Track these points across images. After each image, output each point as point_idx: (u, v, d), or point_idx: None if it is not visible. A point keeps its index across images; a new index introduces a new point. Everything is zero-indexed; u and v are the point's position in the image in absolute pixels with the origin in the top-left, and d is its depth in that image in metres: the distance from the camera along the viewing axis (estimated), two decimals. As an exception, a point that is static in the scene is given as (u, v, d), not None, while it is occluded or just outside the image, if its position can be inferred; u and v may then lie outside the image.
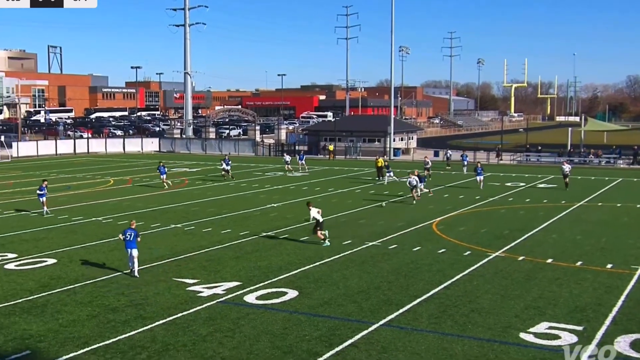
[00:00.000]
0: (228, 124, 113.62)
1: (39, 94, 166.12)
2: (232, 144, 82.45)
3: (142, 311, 17.54)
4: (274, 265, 22.66)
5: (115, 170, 58.05)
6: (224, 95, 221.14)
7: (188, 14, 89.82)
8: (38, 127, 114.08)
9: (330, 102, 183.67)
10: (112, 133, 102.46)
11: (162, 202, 37.65)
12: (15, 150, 73.83)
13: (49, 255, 24.12)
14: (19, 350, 14.77)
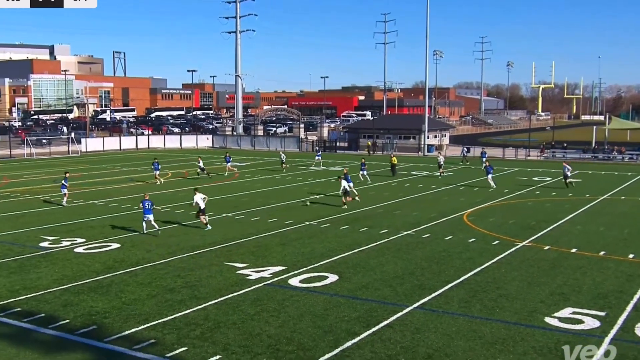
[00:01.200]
0: (275, 122, 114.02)
1: (105, 95, 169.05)
2: (279, 140, 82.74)
3: (197, 292, 17.74)
4: (316, 251, 22.69)
5: (172, 164, 58.75)
6: (271, 96, 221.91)
7: (239, 22, 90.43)
8: (104, 125, 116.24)
9: (369, 102, 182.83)
10: (170, 130, 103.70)
11: (215, 194, 37.93)
12: (83, 146, 75.34)
13: (113, 240, 24.55)
14: (86, 325, 15.07)
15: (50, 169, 53.11)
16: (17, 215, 30.43)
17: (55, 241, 24.39)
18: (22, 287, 18.15)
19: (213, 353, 13.33)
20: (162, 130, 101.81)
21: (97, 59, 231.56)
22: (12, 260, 21.42)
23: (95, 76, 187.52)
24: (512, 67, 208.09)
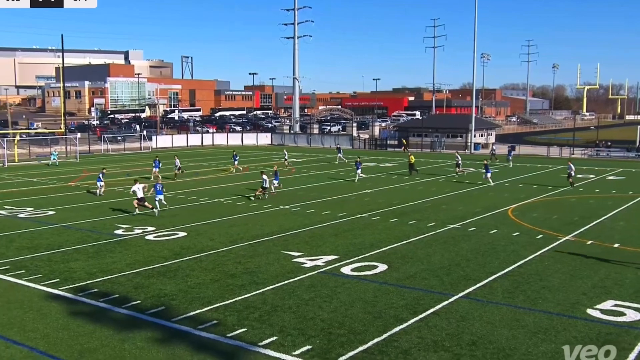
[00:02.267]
0: (329, 121, 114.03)
1: (174, 96, 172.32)
2: (333, 138, 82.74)
3: (255, 277, 17.93)
4: (366, 242, 22.63)
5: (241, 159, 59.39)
6: (326, 97, 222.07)
7: (297, 28, 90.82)
8: (173, 123, 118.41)
9: (418, 102, 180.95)
10: (232, 128, 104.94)
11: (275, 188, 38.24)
12: (154, 142, 77.02)
13: (181, 229, 25.02)
14: (155, 306, 15.43)
15: (124, 164, 54.53)
16: (94, 205, 31.35)
17: (128, 229, 25.02)
18: (99, 270, 18.69)
19: (270, 334, 13.46)
20: (225, 129, 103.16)
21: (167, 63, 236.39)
22: (90, 245, 22.09)
23: (165, 79, 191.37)
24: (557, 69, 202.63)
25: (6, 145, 56.51)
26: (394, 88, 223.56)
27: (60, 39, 67.03)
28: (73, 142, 65.48)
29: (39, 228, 25.42)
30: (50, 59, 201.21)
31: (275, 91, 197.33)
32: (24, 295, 16.35)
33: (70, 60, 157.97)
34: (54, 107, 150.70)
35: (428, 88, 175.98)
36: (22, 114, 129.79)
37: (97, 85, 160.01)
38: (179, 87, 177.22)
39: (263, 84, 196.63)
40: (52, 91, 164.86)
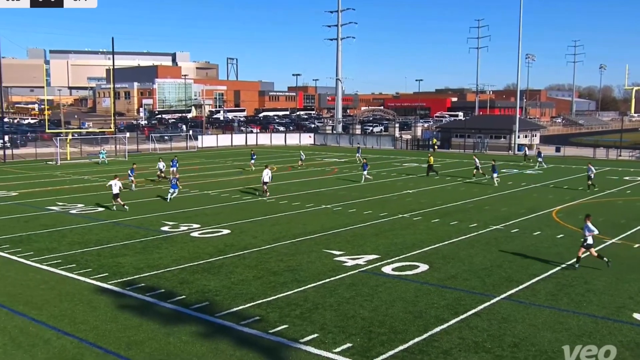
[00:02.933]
0: (372, 122, 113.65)
1: (219, 96, 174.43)
2: (375, 138, 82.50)
3: (297, 275, 18.01)
4: (408, 242, 22.49)
5: (278, 159, 59.85)
6: (368, 98, 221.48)
7: (340, 30, 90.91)
8: (218, 123, 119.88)
9: (461, 103, 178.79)
10: (276, 129, 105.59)
11: (316, 187, 38.39)
12: (200, 142, 78.16)
13: (224, 227, 25.31)
14: (200, 301, 15.65)
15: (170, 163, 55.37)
16: (142, 203, 31.98)
17: (174, 226, 25.45)
18: (146, 266, 19.07)
19: (311, 331, 13.50)
20: (269, 129, 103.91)
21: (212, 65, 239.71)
22: (138, 241, 22.55)
23: (211, 80, 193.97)
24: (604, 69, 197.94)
25: (59, 144, 58.13)
26: (437, 89, 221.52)
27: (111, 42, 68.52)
28: (122, 141, 66.96)
29: (89, 224, 26.08)
30: (101, 61, 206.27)
31: (318, 92, 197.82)
32: (74, 288, 16.80)
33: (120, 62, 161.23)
34: (104, 108, 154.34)
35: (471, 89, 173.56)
36: (74, 114, 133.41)
37: (145, 86, 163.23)
38: (224, 88, 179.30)
39: (306, 85, 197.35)
40: (102, 92, 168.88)
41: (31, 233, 24.06)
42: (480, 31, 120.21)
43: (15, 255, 20.39)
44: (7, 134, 67.88)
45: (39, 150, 64.35)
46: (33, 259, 19.87)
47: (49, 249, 21.38)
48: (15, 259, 20.03)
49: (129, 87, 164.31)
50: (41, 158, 59.96)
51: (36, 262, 19.50)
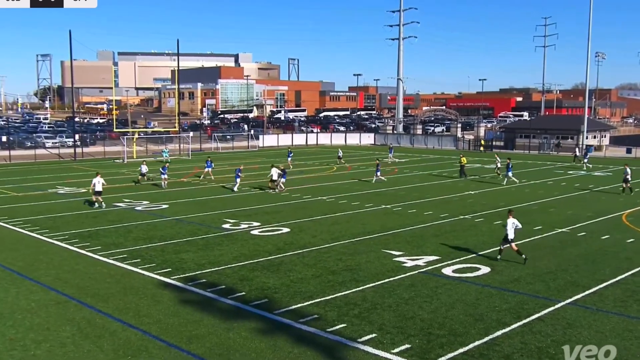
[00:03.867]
0: (433, 122, 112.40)
1: (280, 97, 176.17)
2: (436, 139, 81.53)
3: (356, 275, 17.99)
4: (469, 243, 22.11)
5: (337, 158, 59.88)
6: (430, 98, 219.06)
7: (402, 29, 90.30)
8: (279, 123, 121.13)
9: (527, 103, 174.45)
10: (336, 128, 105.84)
11: (376, 186, 38.24)
12: (261, 141, 79.21)
13: (284, 225, 25.55)
14: (259, 298, 15.85)
15: (232, 161, 56.31)
16: (204, 201, 32.66)
17: (235, 224, 25.87)
18: (207, 262, 19.46)
19: (369, 331, 13.46)
20: (329, 129, 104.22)
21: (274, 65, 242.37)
22: (199, 238, 23.04)
23: (273, 80, 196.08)
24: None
25: (126, 143, 60.02)
26: (501, 88, 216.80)
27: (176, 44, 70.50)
28: (186, 141, 68.56)
29: (153, 220, 26.83)
30: (166, 62, 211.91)
31: (379, 92, 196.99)
32: (139, 282, 17.32)
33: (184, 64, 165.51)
34: (169, 108, 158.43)
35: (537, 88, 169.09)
36: (140, 114, 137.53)
37: (208, 86, 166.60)
38: (286, 88, 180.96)
39: (367, 85, 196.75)
40: (167, 92, 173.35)
41: (99, 228, 24.96)
42: (548, 29, 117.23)
43: (84, 250, 21.20)
44: (77, 133, 70.62)
45: (107, 148, 66.71)
46: (100, 253, 20.60)
47: (116, 244, 22.12)
48: (84, 252, 20.82)
49: (193, 87, 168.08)
50: (109, 156, 62.12)
51: (103, 257, 20.21)
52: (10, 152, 61.19)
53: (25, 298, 15.95)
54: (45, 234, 23.91)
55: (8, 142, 66.80)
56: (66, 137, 74.13)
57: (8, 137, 71.05)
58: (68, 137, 73.19)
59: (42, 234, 23.92)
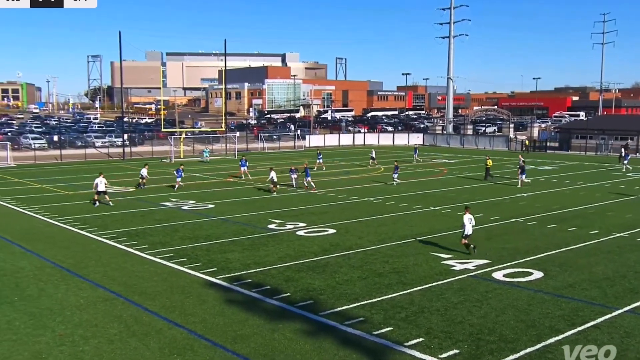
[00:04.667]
0: (484, 122, 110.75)
1: (327, 96, 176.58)
2: (487, 139, 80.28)
3: (403, 277, 17.88)
4: (521, 247, 21.70)
5: (385, 159, 59.63)
6: (481, 97, 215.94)
7: (453, 27, 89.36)
8: (325, 123, 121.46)
9: (583, 102, 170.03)
10: (384, 129, 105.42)
11: (424, 187, 37.93)
12: (307, 141, 79.54)
13: (330, 226, 25.58)
14: (304, 299, 15.91)
15: (278, 161, 56.72)
16: (250, 201, 33.00)
17: (281, 224, 26.04)
18: (253, 262, 19.65)
19: (416, 335, 13.36)
20: (376, 129, 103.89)
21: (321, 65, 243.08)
22: (245, 238, 23.29)
23: (320, 80, 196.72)
24: None
25: (173, 143, 61.15)
26: (556, 87, 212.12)
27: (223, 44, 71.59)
28: (232, 141, 69.43)
29: (199, 220, 27.26)
30: (214, 62, 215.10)
31: (429, 91, 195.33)
32: (185, 281, 17.62)
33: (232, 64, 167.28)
34: (216, 108, 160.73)
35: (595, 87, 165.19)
36: (187, 114, 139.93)
37: (255, 86, 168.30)
38: (333, 87, 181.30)
39: (416, 84, 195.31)
40: (214, 92, 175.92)
41: (146, 227, 25.51)
42: (606, 26, 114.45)
43: (131, 248, 21.70)
44: (126, 132, 72.36)
45: (155, 148, 68.12)
46: (147, 252, 21.05)
47: (162, 242, 22.56)
48: (131, 251, 21.32)
49: (239, 87, 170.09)
50: (156, 156, 63.42)
51: (150, 255, 20.65)
52: (62, 151, 63.17)
53: (75, 295, 16.43)
54: (94, 232, 24.58)
55: (59, 142, 69.00)
56: (115, 136, 76.10)
57: (59, 136, 73.37)
58: (117, 136, 75.11)
59: (91, 232, 24.60)
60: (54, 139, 72.87)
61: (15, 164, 55.75)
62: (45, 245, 22.43)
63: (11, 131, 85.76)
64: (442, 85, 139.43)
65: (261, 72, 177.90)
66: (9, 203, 32.50)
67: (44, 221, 27.27)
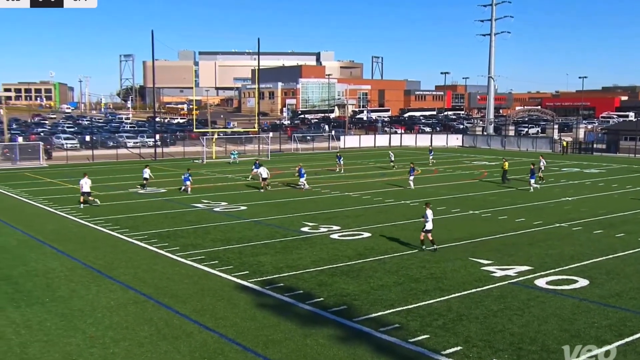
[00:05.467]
0: (527, 123, 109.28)
1: (362, 96, 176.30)
2: (530, 141, 79.15)
3: (440, 283, 17.74)
4: (565, 254, 21.32)
5: (423, 161, 59.26)
6: (524, 97, 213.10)
7: (494, 24, 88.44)
8: (361, 123, 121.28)
9: (633, 102, 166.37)
10: (421, 129, 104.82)
11: (463, 191, 37.56)
12: (342, 142, 79.53)
13: (365, 230, 25.52)
14: (338, 304, 15.90)
15: (312, 163, 56.88)
16: (283, 203, 33.12)
17: (314, 227, 26.08)
18: (285, 266, 19.72)
19: (454, 344, 13.23)
20: (414, 130, 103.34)
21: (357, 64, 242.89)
22: (277, 241, 23.39)
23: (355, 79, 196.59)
24: None
25: (205, 143, 61.79)
26: (604, 87, 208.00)
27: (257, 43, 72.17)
28: (265, 141, 69.81)
29: (231, 222, 27.47)
30: (247, 61, 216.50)
31: (468, 91, 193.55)
32: (216, 284, 17.78)
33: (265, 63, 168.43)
34: (249, 108, 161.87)
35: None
36: (220, 114, 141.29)
37: (289, 86, 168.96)
38: (368, 87, 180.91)
39: (455, 84, 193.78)
40: (247, 92, 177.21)
41: (177, 229, 25.82)
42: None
43: (162, 250, 21.99)
44: (158, 132, 73.40)
45: (187, 148, 68.94)
46: (178, 254, 21.30)
47: (194, 244, 22.80)
48: (162, 253, 21.60)
49: (273, 87, 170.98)
50: (188, 156, 64.14)
51: (181, 257, 20.88)
52: (93, 151, 64.38)
53: (105, 296, 16.71)
54: (125, 233, 24.97)
55: (91, 142, 70.35)
56: (147, 137, 77.25)
57: (91, 136, 74.82)
58: (149, 137, 76.25)
59: (122, 233, 25.00)
60: (86, 139, 74.34)
61: (47, 164, 57.02)
62: (76, 245, 22.88)
63: (44, 131, 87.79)
64: (482, 85, 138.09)
65: (295, 72, 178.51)
66: (41, 203, 33.25)
67: (75, 222, 27.82)
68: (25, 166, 55.33)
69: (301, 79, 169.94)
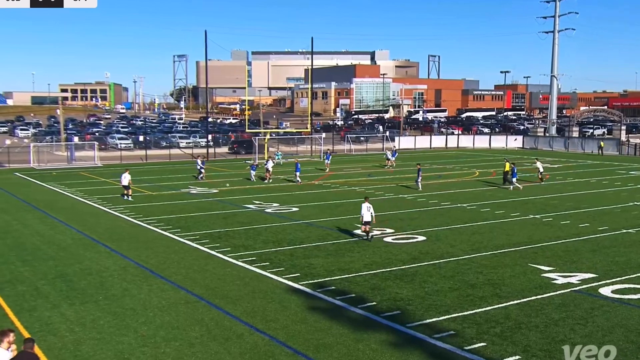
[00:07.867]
0: (592, 124, 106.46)
1: (418, 96, 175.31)
2: (595, 142, 77.03)
3: (498, 290, 17.45)
4: (632, 261, 20.66)
5: (480, 163, 58.46)
6: (589, 97, 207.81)
7: (558, 21, 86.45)
8: (416, 124, 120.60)
9: None
10: (479, 130, 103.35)
11: (523, 194, 36.84)
12: (397, 143, 79.03)
13: (420, 233, 25.32)
14: (391, 309, 15.82)
15: (365, 164, 56.77)
16: (335, 204, 33.15)
17: (367, 230, 25.99)
18: (337, 269, 19.74)
19: (512, 353, 12.99)
20: (471, 130, 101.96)
21: (413, 63, 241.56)
22: (330, 243, 23.44)
23: (411, 79, 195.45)
24: None
25: (257, 143, 62.37)
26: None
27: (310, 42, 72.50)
28: (318, 142, 70.04)
29: (283, 223, 27.66)
30: (300, 61, 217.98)
31: (530, 90, 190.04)
32: (267, 286, 17.93)
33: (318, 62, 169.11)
34: (302, 108, 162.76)
35: None
36: (272, 114, 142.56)
37: (342, 86, 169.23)
38: (424, 87, 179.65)
39: (516, 83, 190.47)
40: (300, 92, 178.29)
41: (229, 230, 26.16)
42: None
43: (214, 250, 22.32)
44: (210, 133, 74.55)
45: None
46: (230, 255, 21.58)
47: (245, 246, 23.06)
48: (213, 253, 21.92)
49: (326, 87, 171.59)
50: (241, 157, 64.89)
51: (232, 258, 21.15)
52: (147, 151, 65.86)
53: (157, 296, 17.07)
54: (177, 233, 25.45)
55: (145, 142, 71.99)
56: (199, 137, 78.53)
57: (145, 136, 76.56)
58: (201, 137, 77.48)
59: (174, 233, 25.49)
60: (140, 139, 76.14)
61: (101, 164, 58.62)
62: (129, 245, 23.46)
63: (98, 131, 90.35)
64: (544, 84, 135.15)
65: (349, 71, 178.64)
66: (95, 202, 34.20)
67: (128, 221, 28.51)
68: (80, 166, 57.06)
69: (355, 78, 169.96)
